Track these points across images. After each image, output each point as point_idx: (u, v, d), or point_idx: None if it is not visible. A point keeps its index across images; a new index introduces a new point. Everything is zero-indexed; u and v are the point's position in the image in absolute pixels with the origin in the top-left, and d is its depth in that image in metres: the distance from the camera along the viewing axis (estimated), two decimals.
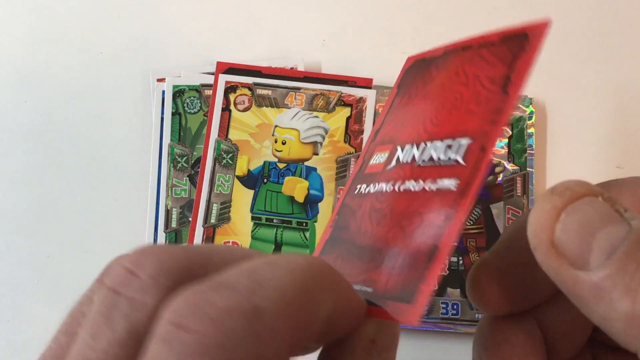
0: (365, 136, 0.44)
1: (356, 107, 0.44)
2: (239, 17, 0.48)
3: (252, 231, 0.43)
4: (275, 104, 0.44)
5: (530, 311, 0.25)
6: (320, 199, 0.43)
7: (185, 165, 0.44)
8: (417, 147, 0.24)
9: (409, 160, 0.24)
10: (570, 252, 0.20)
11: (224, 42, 0.47)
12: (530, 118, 0.44)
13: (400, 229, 0.22)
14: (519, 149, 0.44)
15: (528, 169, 0.44)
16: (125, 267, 0.20)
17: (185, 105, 0.45)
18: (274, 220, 0.43)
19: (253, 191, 0.43)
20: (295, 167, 0.43)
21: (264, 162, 0.44)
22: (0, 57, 0.47)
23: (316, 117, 0.44)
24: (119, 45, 0.47)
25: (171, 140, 0.44)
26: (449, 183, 0.21)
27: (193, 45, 0.47)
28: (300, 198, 0.43)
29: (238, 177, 0.43)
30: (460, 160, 0.22)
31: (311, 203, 0.43)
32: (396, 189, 0.23)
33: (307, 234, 0.43)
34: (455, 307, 0.41)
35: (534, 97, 0.45)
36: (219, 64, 0.45)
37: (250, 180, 0.43)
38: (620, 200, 0.22)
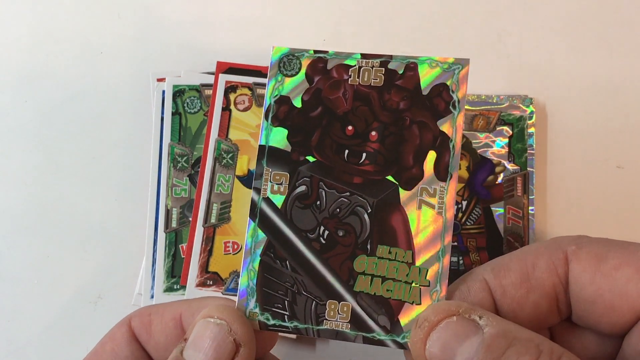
0: None
1: None
2: (238, 17, 0.48)
3: None
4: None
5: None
6: None
7: (185, 165, 0.44)
8: None
9: None
10: None
11: (224, 42, 0.47)
12: (530, 118, 0.44)
13: None
14: (519, 148, 0.44)
15: (528, 168, 0.44)
16: None
17: (185, 105, 0.45)
18: None
19: None
20: None
21: None
22: (0, 57, 0.47)
23: None
24: (119, 45, 0.47)
25: (171, 140, 0.44)
26: None
27: (193, 45, 0.47)
28: None
29: (238, 177, 0.43)
30: None
31: None
32: None
33: None
34: None
35: (534, 97, 0.45)
36: (219, 64, 0.45)
37: (250, 180, 0.43)
38: (506, 284, 0.28)
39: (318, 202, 0.31)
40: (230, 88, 0.44)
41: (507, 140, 0.44)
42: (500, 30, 0.47)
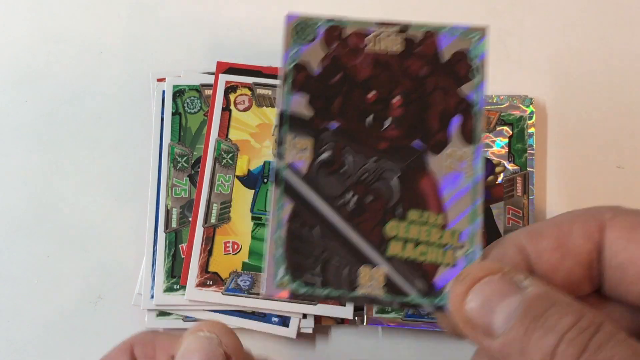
0: None
1: None
2: (238, 17, 0.48)
3: (252, 231, 0.43)
4: (275, 103, 0.44)
5: None
6: None
7: (185, 165, 0.44)
8: None
9: None
10: (479, 326, 0.26)
11: (224, 42, 0.47)
12: (530, 118, 0.44)
13: None
14: (519, 148, 0.44)
15: (528, 168, 0.44)
16: None
17: (185, 105, 0.45)
18: None
19: (253, 191, 0.43)
20: None
21: (264, 162, 0.44)
22: (0, 57, 0.47)
23: None
24: (119, 45, 0.47)
25: (171, 140, 0.44)
26: None
27: (193, 45, 0.47)
28: None
29: (238, 177, 0.43)
30: None
31: None
32: None
33: None
34: None
35: (534, 97, 0.45)
36: (219, 64, 0.45)
37: (250, 180, 0.43)
38: (541, 248, 0.28)
39: (344, 168, 0.31)
40: (230, 88, 0.44)
41: (507, 140, 0.44)
42: (500, 30, 0.47)
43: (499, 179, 0.44)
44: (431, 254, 0.30)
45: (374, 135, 0.32)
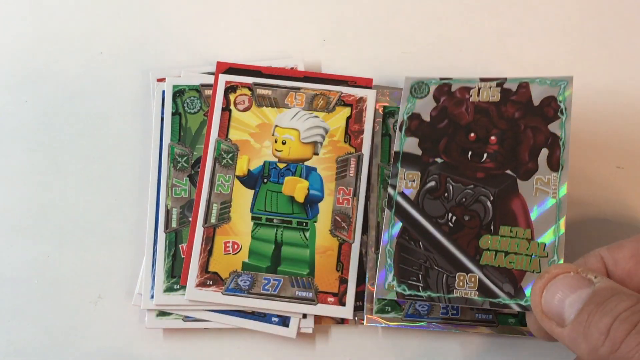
0: (366, 136, 0.43)
1: (356, 107, 0.44)
2: (239, 17, 0.48)
3: (252, 231, 0.43)
4: (275, 103, 0.44)
5: None
6: (321, 199, 0.43)
7: (185, 165, 0.44)
8: None
9: None
10: (553, 316, 0.30)
11: (224, 42, 0.47)
12: None
13: None
14: None
15: None
16: None
17: (185, 105, 0.45)
18: (274, 220, 0.43)
19: (253, 191, 0.43)
20: (295, 167, 0.43)
21: (264, 162, 0.44)
22: (0, 57, 0.47)
23: (316, 117, 0.44)
24: (119, 45, 0.47)
25: (171, 140, 0.44)
26: None
27: (193, 45, 0.47)
28: (300, 198, 0.43)
29: (238, 177, 0.43)
30: None
31: (311, 203, 0.43)
32: None
33: (307, 234, 0.43)
34: (455, 307, 0.41)
35: None
36: (219, 64, 0.45)
37: (250, 180, 0.43)
38: (618, 257, 0.32)
39: (446, 194, 0.38)
40: (230, 88, 0.44)
41: None
42: (500, 30, 0.47)
43: None
44: (519, 262, 0.36)
45: (473, 167, 0.38)
